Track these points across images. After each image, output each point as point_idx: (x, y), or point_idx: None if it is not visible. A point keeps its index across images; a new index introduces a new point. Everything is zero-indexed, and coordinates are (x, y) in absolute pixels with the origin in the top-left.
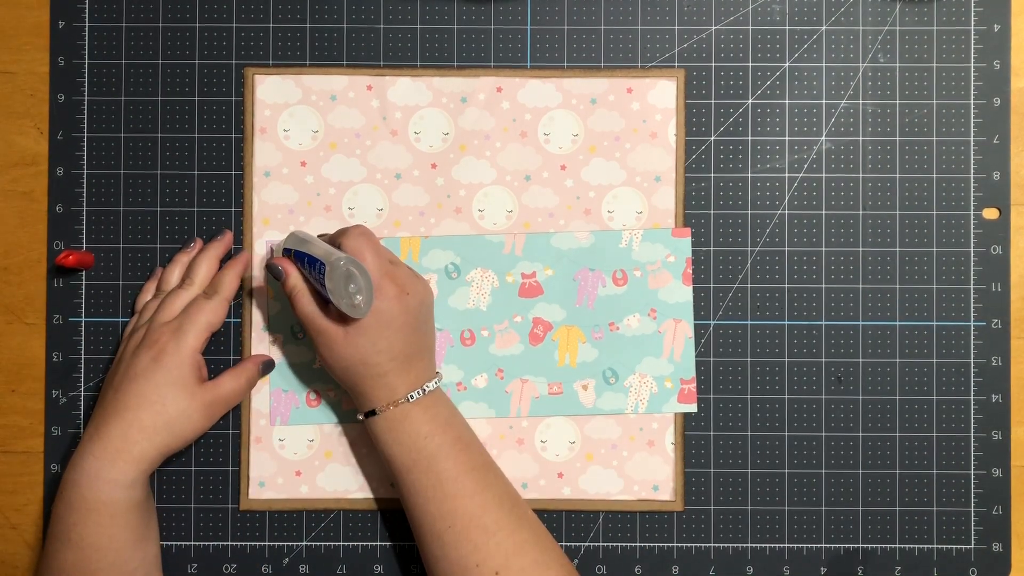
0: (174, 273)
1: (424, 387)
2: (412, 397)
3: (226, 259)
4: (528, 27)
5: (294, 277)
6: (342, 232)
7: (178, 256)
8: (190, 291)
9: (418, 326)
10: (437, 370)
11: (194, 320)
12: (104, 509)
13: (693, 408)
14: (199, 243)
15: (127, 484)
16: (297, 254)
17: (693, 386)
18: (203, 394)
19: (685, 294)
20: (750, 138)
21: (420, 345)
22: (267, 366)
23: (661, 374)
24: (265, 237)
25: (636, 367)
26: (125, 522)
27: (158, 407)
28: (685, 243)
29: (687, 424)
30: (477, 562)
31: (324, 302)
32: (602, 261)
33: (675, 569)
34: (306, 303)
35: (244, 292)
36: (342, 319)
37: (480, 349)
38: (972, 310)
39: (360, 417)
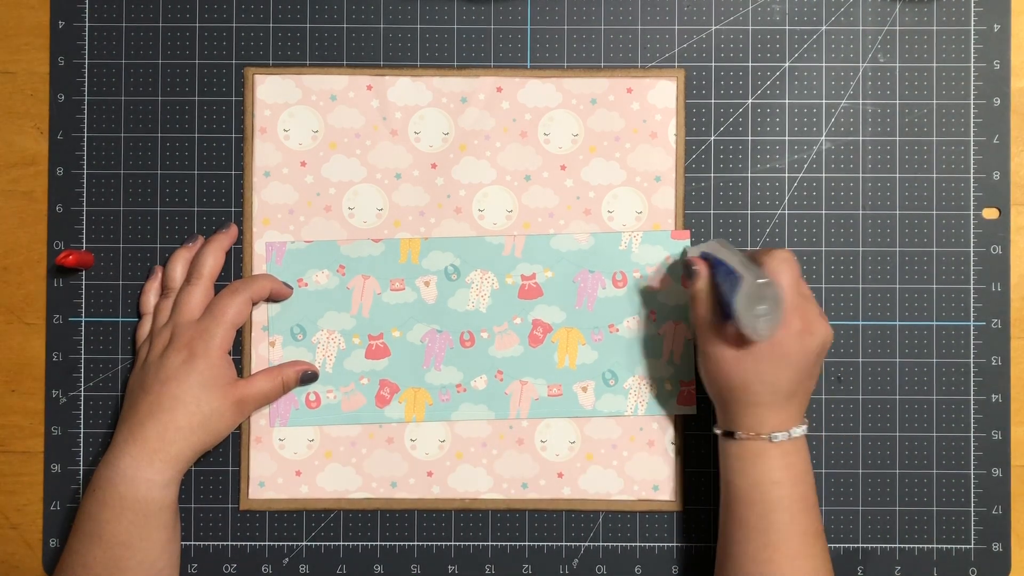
0: (177, 269)
1: (791, 431)
2: (776, 438)
3: (231, 253)
4: (528, 27)
5: (703, 280)
6: (767, 251)
7: (179, 252)
8: (200, 286)
9: (808, 368)
10: (804, 418)
11: (220, 319)
12: (140, 508)
13: (693, 410)
14: (200, 239)
15: (163, 484)
16: (715, 261)
17: (693, 388)
18: (235, 392)
19: (684, 296)
20: (750, 138)
21: (803, 388)
22: (308, 376)
23: (661, 376)
24: (265, 237)
25: (636, 369)
26: (158, 522)
27: (192, 408)
28: (684, 245)
29: (687, 424)
30: None
31: (724, 317)
32: (602, 263)
33: (675, 569)
34: (705, 311)
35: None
36: (738, 339)
37: (480, 351)
38: (972, 310)
39: (716, 431)
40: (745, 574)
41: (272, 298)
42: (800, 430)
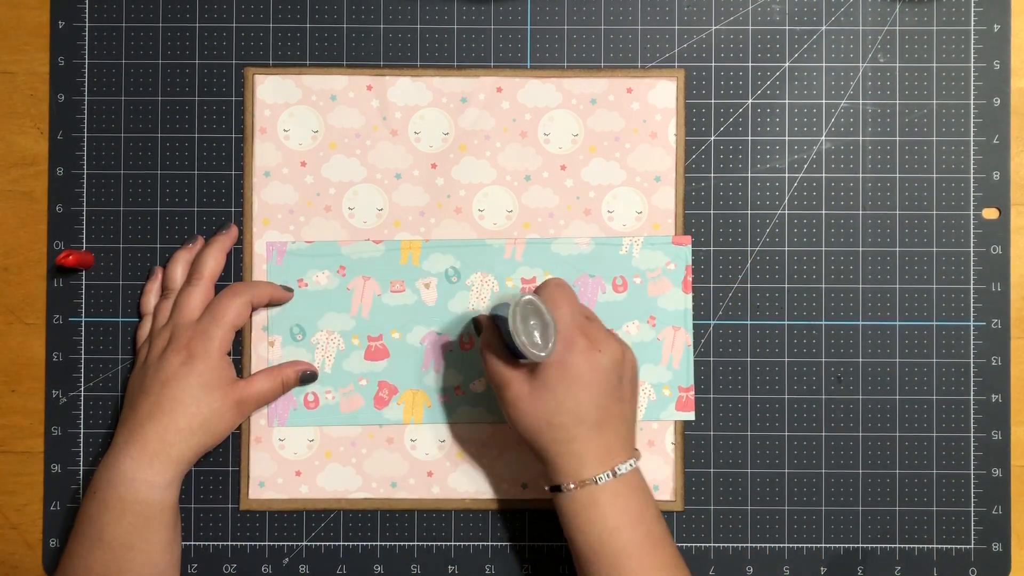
0: (177, 271)
1: (616, 469)
2: (600, 479)
3: (231, 253)
4: (528, 27)
5: (487, 333)
6: (542, 284)
7: (180, 253)
8: (201, 287)
9: (610, 390)
10: (635, 447)
11: (220, 320)
12: (140, 510)
13: (691, 416)
14: (200, 240)
15: (164, 485)
16: (499, 317)
17: (691, 394)
18: (234, 393)
19: (684, 302)
20: (750, 138)
21: (613, 413)
22: (308, 376)
23: (659, 381)
24: (265, 237)
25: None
26: (159, 523)
27: (192, 409)
28: (685, 251)
29: (687, 424)
30: None
31: (515, 358)
32: (602, 267)
33: None
34: (494, 357)
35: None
36: (528, 374)
37: (479, 353)
38: (972, 310)
39: (546, 488)
40: None
41: (272, 303)
42: (626, 466)
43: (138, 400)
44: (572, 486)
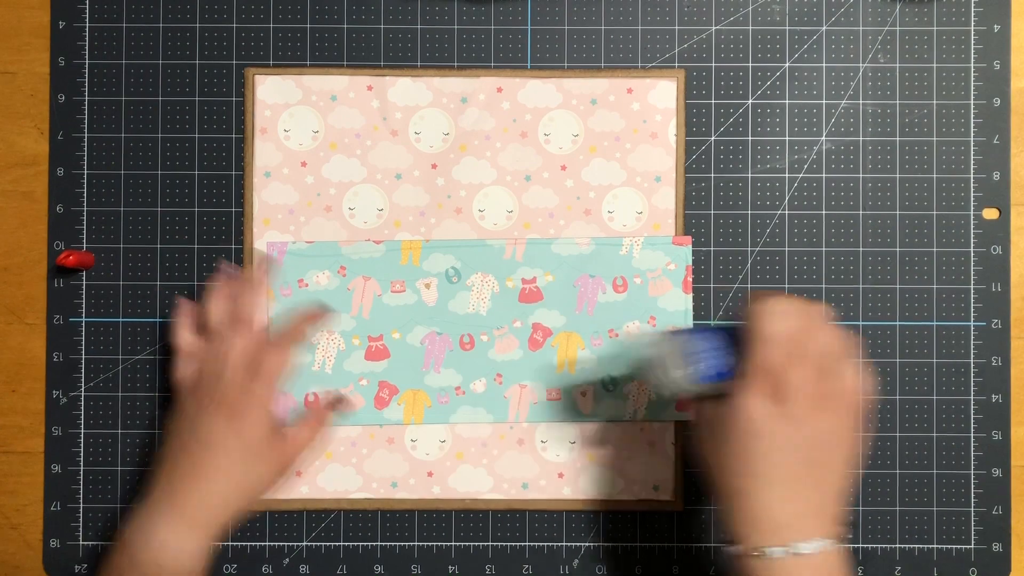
0: (218, 308)
1: (794, 545)
2: (773, 553)
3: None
4: (528, 27)
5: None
6: (751, 303)
7: (219, 287)
8: (245, 336)
9: (795, 449)
10: (835, 527)
11: (265, 378)
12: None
13: (691, 416)
14: (238, 270)
15: (199, 553)
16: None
17: None
18: (279, 456)
19: (685, 302)
20: (750, 138)
21: (801, 476)
22: (339, 405)
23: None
24: (265, 237)
25: (635, 374)
26: None
27: (237, 477)
28: (685, 251)
29: (687, 424)
30: None
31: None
32: (602, 268)
33: (675, 569)
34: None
35: None
36: (709, 406)
37: (479, 354)
38: (972, 310)
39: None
40: None
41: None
42: (810, 545)
43: (178, 458)
44: (739, 549)
